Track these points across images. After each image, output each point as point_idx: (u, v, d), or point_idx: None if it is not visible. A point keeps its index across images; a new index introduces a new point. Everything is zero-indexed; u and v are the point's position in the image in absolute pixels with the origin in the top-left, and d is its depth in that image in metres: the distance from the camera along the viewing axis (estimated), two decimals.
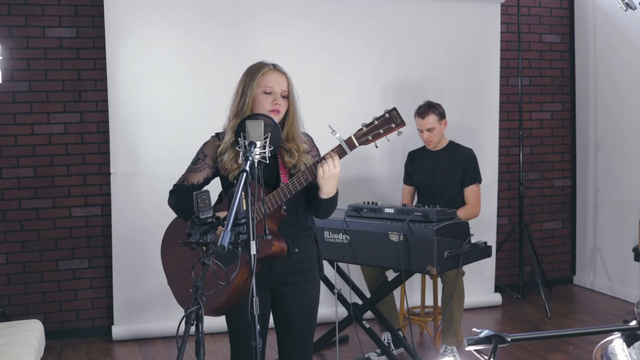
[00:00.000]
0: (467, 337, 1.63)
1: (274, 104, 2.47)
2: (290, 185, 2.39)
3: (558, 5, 5.60)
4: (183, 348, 1.84)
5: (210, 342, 4.35)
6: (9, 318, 4.10)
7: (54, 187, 4.56)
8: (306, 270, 2.54)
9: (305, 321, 2.55)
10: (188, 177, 2.59)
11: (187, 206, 2.53)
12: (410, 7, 4.87)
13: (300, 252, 2.50)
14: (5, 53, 4.31)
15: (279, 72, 2.53)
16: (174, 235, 2.59)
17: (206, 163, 2.56)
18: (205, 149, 2.58)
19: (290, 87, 2.53)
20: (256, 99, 2.48)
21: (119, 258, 4.49)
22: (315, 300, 2.58)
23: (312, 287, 2.57)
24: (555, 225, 5.75)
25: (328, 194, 2.42)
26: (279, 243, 2.40)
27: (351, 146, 2.38)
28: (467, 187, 4.14)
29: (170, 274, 2.61)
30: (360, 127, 2.40)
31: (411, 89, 4.88)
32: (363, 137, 2.39)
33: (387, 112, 2.40)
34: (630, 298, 5.10)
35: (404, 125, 2.40)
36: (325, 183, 2.38)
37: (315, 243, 2.60)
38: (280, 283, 2.51)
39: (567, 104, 5.72)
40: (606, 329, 1.71)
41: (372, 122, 2.40)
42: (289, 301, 2.52)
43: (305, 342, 2.58)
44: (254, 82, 2.48)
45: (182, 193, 2.57)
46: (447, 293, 3.97)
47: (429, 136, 4.15)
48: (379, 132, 2.39)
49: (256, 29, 4.57)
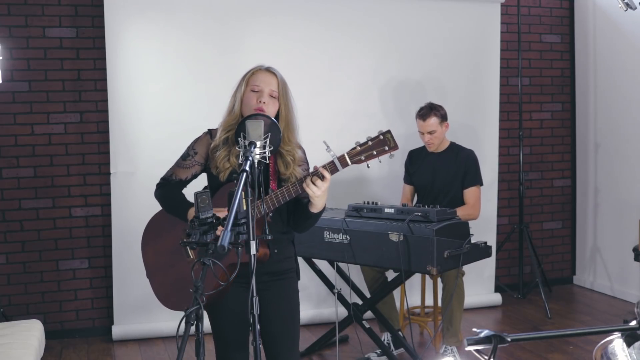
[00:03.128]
0: (467, 337, 1.63)
1: (258, 102, 2.45)
2: (280, 195, 2.40)
3: (558, 5, 5.61)
4: (183, 348, 1.84)
5: (210, 342, 4.32)
6: (9, 318, 4.10)
7: (54, 187, 4.56)
8: (285, 269, 2.56)
9: (287, 319, 2.55)
10: (176, 172, 2.60)
11: (174, 201, 2.54)
12: (410, 7, 4.87)
13: (279, 253, 2.52)
14: (5, 53, 4.31)
15: (269, 73, 2.52)
16: (157, 229, 2.60)
17: (196, 160, 2.56)
18: (196, 145, 2.58)
19: (280, 89, 2.51)
20: (244, 97, 2.49)
21: (119, 258, 4.49)
22: (295, 297, 2.59)
23: (291, 284, 2.58)
24: (555, 225, 5.75)
25: (319, 208, 2.45)
26: (262, 249, 2.42)
27: (343, 164, 2.40)
28: (467, 189, 4.13)
29: (150, 268, 2.61)
30: (354, 145, 2.40)
31: (411, 89, 4.88)
32: (356, 157, 2.40)
33: (381, 134, 2.41)
34: (630, 298, 5.10)
35: (397, 149, 2.42)
36: (318, 199, 2.39)
37: (292, 244, 2.63)
38: (260, 281, 2.51)
39: (567, 104, 5.72)
40: (606, 329, 1.71)
41: (367, 142, 2.41)
42: (270, 298, 2.51)
43: (290, 340, 2.56)
44: (244, 82, 2.50)
45: (169, 187, 2.58)
46: (447, 293, 3.97)
47: (429, 139, 4.13)
48: (372, 153, 2.41)
49: (256, 29, 4.57)
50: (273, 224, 2.48)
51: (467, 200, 4.12)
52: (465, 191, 4.13)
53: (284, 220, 2.55)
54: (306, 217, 2.49)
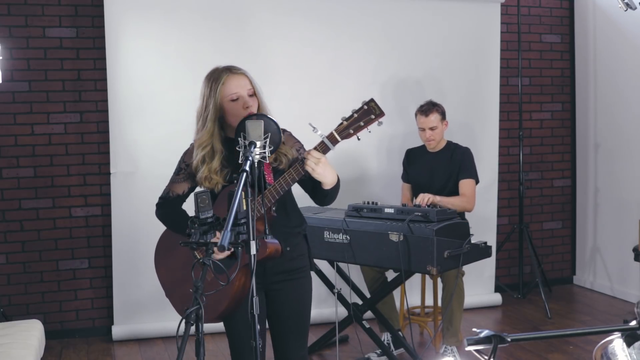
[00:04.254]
0: (467, 337, 1.63)
1: (245, 108, 2.43)
2: (278, 186, 2.37)
3: (558, 5, 5.60)
4: (183, 348, 1.84)
5: (210, 342, 4.35)
6: (9, 318, 4.10)
7: (54, 187, 4.56)
8: (298, 267, 2.54)
9: (299, 318, 2.55)
10: (173, 188, 2.58)
11: (176, 219, 2.52)
12: (410, 7, 4.87)
13: (291, 251, 2.50)
14: (5, 53, 4.31)
15: (237, 75, 2.46)
16: (165, 248, 2.59)
17: (189, 172, 2.54)
18: (186, 157, 2.56)
19: (253, 84, 2.48)
20: (225, 109, 2.44)
21: (119, 258, 4.49)
22: (308, 296, 2.58)
23: (305, 283, 2.57)
24: (555, 225, 5.75)
25: (330, 183, 2.40)
26: (273, 245, 2.40)
27: (333, 141, 2.36)
28: (463, 180, 4.09)
29: (167, 286, 2.60)
30: (341, 121, 2.39)
31: (411, 88, 4.88)
32: (344, 131, 2.37)
33: (365, 103, 2.39)
34: (630, 298, 5.10)
35: (383, 115, 2.39)
36: (322, 176, 2.36)
37: (305, 240, 2.60)
38: (273, 282, 2.51)
39: (567, 104, 5.72)
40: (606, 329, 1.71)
41: (352, 115, 2.39)
42: (282, 299, 2.51)
43: (301, 339, 2.57)
44: (216, 95, 2.43)
45: (169, 205, 2.57)
46: (447, 293, 3.97)
47: (430, 134, 4.13)
48: (359, 125, 2.38)
49: (256, 29, 4.57)
50: (279, 220, 2.47)
51: (463, 192, 4.08)
52: (460, 182, 4.10)
53: (291, 217, 2.53)
54: (323, 194, 2.45)
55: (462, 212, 4.01)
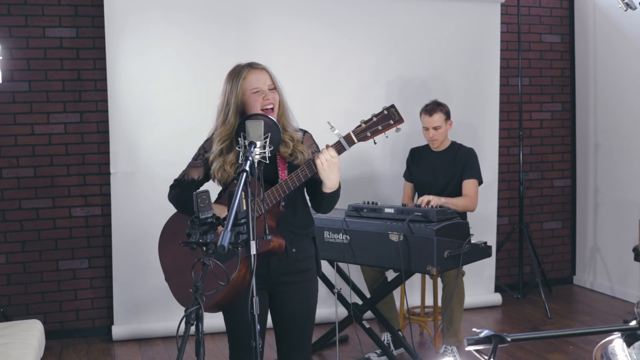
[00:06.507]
0: (467, 337, 1.63)
1: (265, 100, 2.46)
2: (289, 181, 2.39)
3: (558, 5, 5.60)
4: (183, 348, 1.84)
5: (210, 342, 4.35)
6: (9, 318, 4.10)
7: (54, 187, 4.56)
8: (304, 269, 2.54)
9: (303, 320, 2.55)
10: (189, 172, 2.61)
11: (188, 200, 2.53)
12: (410, 7, 4.87)
13: (298, 252, 2.50)
14: (5, 53, 4.31)
15: (258, 70, 2.51)
16: (171, 232, 2.60)
17: (206, 159, 2.56)
18: (206, 145, 2.59)
19: (274, 79, 2.52)
20: (246, 103, 2.47)
21: (119, 258, 4.49)
22: (313, 299, 2.58)
23: (310, 287, 2.57)
24: (555, 225, 5.75)
25: (331, 187, 2.41)
26: (277, 239, 2.40)
27: (350, 142, 2.38)
28: (466, 180, 4.11)
29: (168, 271, 2.61)
30: (359, 123, 2.40)
31: (411, 88, 4.88)
32: (361, 134, 2.39)
33: (385, 108, 2.40)
34: (630, 298, 5.10)
35: (402, 122, 2.41)
36: (326, 175, 2.36)
37: (313, 242, 2.60)
38: (278, 282, 2.51)
39: (567, 104, 5.72)
40: (606, 329, 1.71)
41: (371, 118, 2.40)
42: (287, 301, 2.52)
43: (304, 342, 2.58)
44: (237, 89, 2.46)
45: (183, 187, 2.58)
46: (447, 293, 3.97)
47: (434, 134, 4.13)
48: (377, 129, 2.39)
49: (256, 29, 4.57)
50: (288, 219, 2.47)
51: (466, 192, 4.10)
52: (464, 182, 4.11)
53: (299, 218, 2.53)
54: (321, 197, 2.46)
55: (463, 212, 4.02)
